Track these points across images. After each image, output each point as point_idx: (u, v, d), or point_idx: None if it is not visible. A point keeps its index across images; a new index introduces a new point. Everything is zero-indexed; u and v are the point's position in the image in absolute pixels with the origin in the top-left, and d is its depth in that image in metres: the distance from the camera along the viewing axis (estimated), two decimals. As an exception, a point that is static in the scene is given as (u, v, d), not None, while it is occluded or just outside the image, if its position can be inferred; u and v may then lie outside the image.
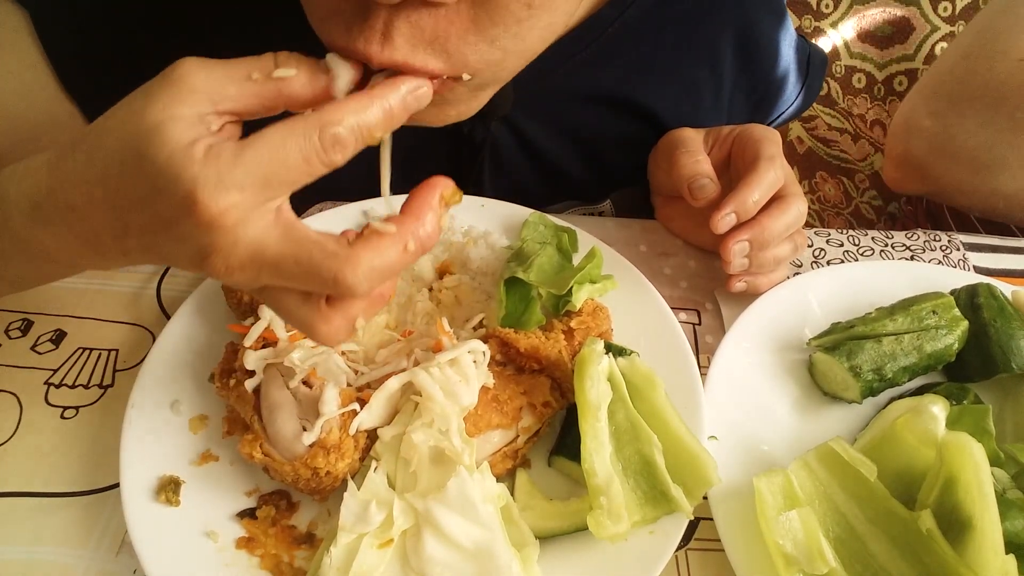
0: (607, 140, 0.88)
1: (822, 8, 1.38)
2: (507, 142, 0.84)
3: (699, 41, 0.87)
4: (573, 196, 0.90)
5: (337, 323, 0.45)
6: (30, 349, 0.73)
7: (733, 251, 0.72)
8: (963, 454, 0.56)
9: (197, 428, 0.65)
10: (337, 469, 0.56)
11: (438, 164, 0.84)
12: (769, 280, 0.78)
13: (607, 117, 0.86)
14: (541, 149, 0.85)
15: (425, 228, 0.44)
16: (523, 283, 0.72)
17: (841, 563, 0.56)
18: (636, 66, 0.84)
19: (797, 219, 0.74)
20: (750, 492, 0.59)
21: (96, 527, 0.62)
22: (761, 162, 0.73)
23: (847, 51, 1.38)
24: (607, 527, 0.56)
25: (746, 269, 0.75)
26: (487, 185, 0.86)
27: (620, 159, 0.89)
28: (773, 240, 0.73)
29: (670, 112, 0.87)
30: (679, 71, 0.87)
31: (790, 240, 0.76)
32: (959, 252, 0.90)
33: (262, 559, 0.58)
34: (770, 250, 0.74)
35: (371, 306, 0.46)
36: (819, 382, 0.72)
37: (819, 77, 1.03)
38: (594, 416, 0.60)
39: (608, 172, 0.89)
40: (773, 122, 1.04)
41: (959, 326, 0.71)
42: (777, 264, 0.77)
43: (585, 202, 0.91)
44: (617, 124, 0.87)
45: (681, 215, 0.87)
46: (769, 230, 0.72)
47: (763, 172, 0.72)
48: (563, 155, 0.86)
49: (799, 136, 1.53)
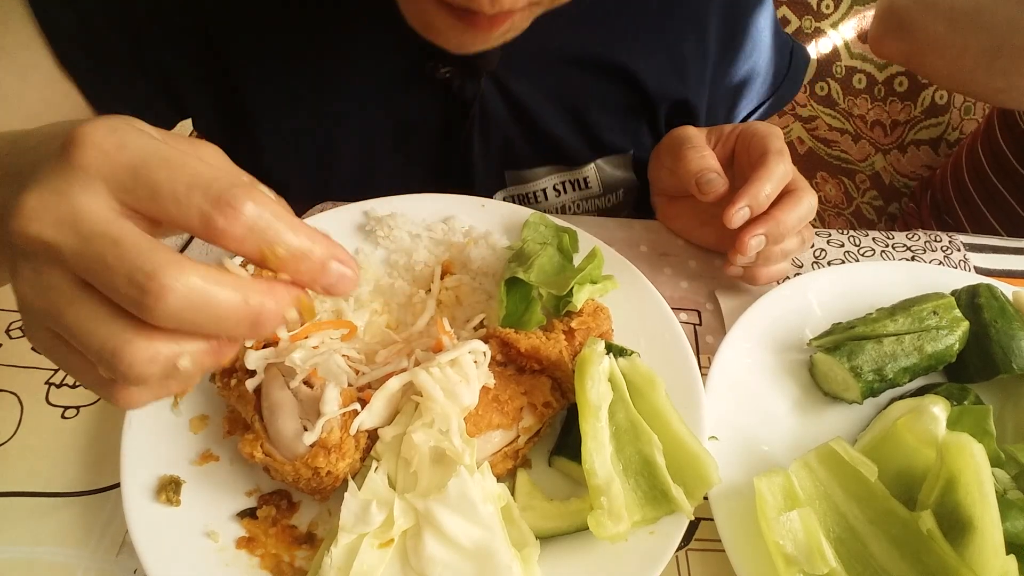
0: (593, 103, 0.89)
1: (822, 8, 1.38)
2: (495, 101, 0.85)
3: (686, 12, 0.88)
4: (558, 158, 0.91)
5: (158, 348, 0.35)
6: (30, 349, 0.73)
7: (750, 245, 0.72)
8: (964, 455, 0.56)
9: (198, 428, 0.65)
10: (338, 469, 0.56)
11: (430, 124, 0.86)
12: (768, 273, 0.78)
13: (593, 80, 0.87)
14: (528, 109, 0.86)
15: (270, 302, 0.36)
16: (524, 283, 0.72)
17: (841, 563, 0.56)
18: (622, 31, 0.85)
19: (809, 212, 0.74)
20: (750, 492, 0.59)
21: (96, 527, 0.62)
22: (770, 156, 0.73)
23: (847, 52, 1.39)
24: (607, 527, 0.56)
25: (751, 262, 0.76)
26: (476, 145, 0.87)
27: (605, 122, 0.90)
28: (787, 233, 0.74)
29: (654, 80, 0.88)
30: (665, 40, 0.88)
31: (798, 234, 0.77)
32: (960, 253, 0.90)
33: (262, 559, 0.58)
34: (780, 243, 0.75)
35: (172, 381, 0.37)
36: (820, 382, 0.72)
37: (801, 71, 1.04)
38: (595, 416, 0.60)
39: (593, 135, 0.90)
40: (755, 113, 1.05)
41: (960, 327, 0.71)
42: (784, 257, 0.77)
43: (569, 165, 0.92)
44: (602, 88, 0.88)
45: (683, 214, 0.87)
46: (784, 224, 0.73)
47: (773, 166, 0.72)
48: (548, 116, 0.87)
49: (800, 136, 1.53)
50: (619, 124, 0.91)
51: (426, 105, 0.84)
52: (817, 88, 1.44)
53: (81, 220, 0.34)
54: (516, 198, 0.94)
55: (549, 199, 0.94)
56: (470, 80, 0.81)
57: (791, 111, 1.50)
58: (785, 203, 0.73)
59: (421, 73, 0.80)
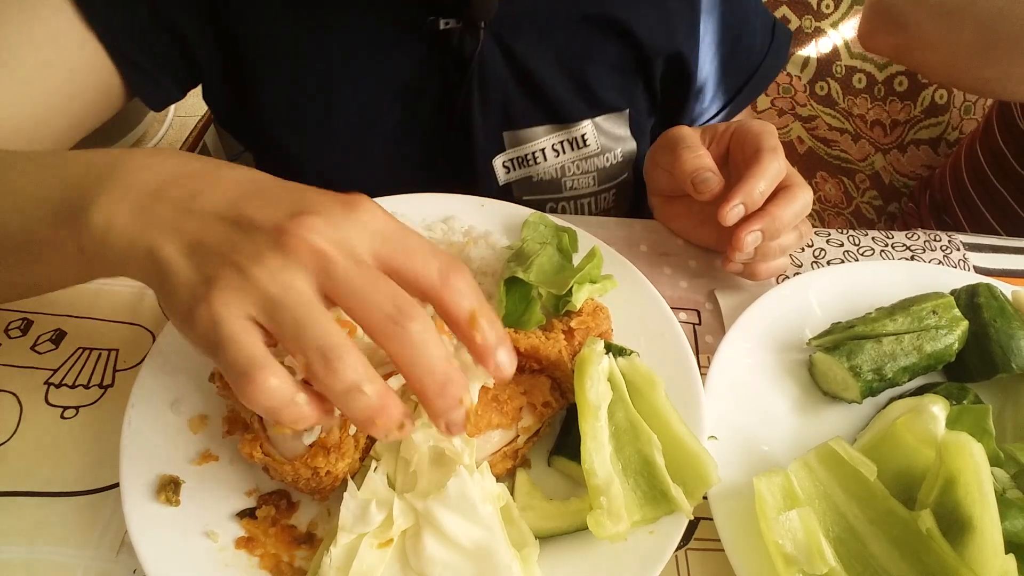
0: (590, 59, 0.90)
1: (822, 8, 1.38)
2: (494, 57, 0.86)
3: None
4: (555, 116, 0.92)
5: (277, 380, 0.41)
6: (30, 349, 0.73)
7: (746, 241, 0.73)
8: (963, 454, 0.56)
9: (197, 428, 0.65)
10: (337, 469, 0.56)
11: (429, 84, 0.87)
12: (767, 268, 0.78)
13: (589, 36, 0.89)
14: (526, 66, 0.88)
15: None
16: (523, 283, 0.72)
17: (841, 563, 0.56)
18: None
19: (804, 207, 0.75)
20: (750, 492, 0.59)
21: (96, 527, 0.62)
22: (764, 153, 0.73)
23: (847, 51, 1.39)
24: (607, 527, 0.56)
25: (749, 258, 0.76)
26: (475, 104, 0.88)
27: (602, 79, 0.91)
28: (784, 229, 0.74)
29: (647, 33, 0.90)
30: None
31: (795, 229, 0.77)
32: (959, 252, 0.90)
33: (262, 559, 0.58)
34: (778, 239, 0.75)
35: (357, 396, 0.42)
36: (819, 382, 0.72)
37: (784, 47, 1.05)
38: (594, 416, 0.60)
39: (591, 92, 0.92)
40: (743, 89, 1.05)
41: (959, 326, 0.71)
42: (782, 253, 0.78)
43: (565, 122, 0.93)
44: (599, 43, 0.90)
45: (681, 214, 0.87)
46: (779, 219, 0.73)
47: (767, 163, 0.73)
48: (547, 73, 0.89)
49: (799, 136, 1.53)
50: (616, 81, 0.92)
51: (424, 62, 0.85)
52: (817, 88, 1.44)
53: (356, 251, 0.42)
54: (515, 161, 0.94)
55: (548, 159, 0.94)
56: (470, 34, 0.83)
57: (791, 111, 1.50)
58: (780, 199, 0.74)
59: (420, 29, 0.82)
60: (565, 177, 0.96)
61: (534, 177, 0.95)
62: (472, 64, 0.85)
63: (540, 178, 0.95)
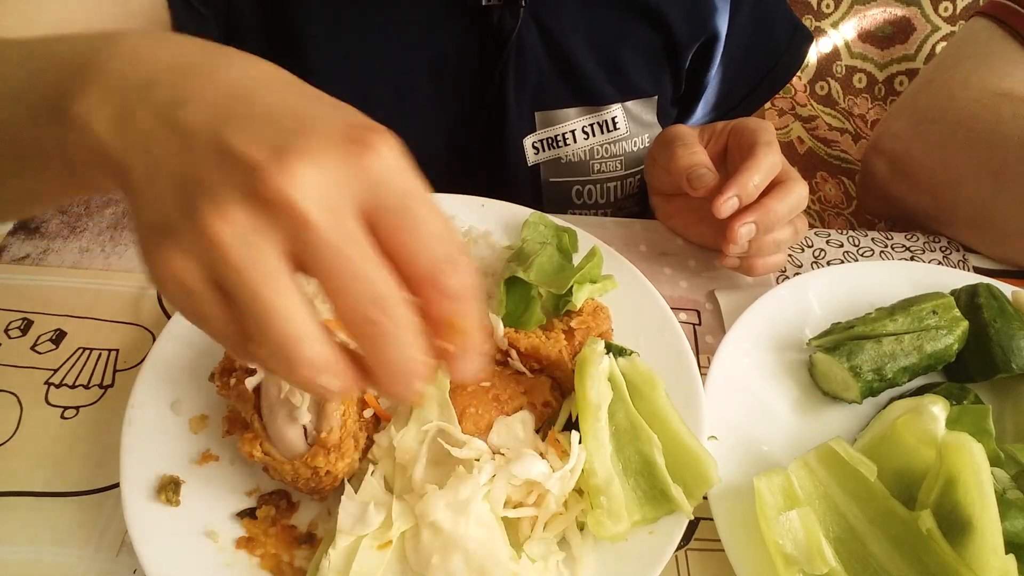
0: (624, 43, 0.92)
1: (823, 8, 1.38)
2: (531, 36, 0.88)
3: None
4: (587, 98, 0.94)
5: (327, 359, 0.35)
6: (30, 349, 0.73)
7: (740, 233, 0.73)
8: (963, 454, 0.56)
9: (197, 428, 0.65)
10: (337, 468, 0.56)
11: (466, 58, 0.88)
12: (763, 264, 0.78)
13: (625, 19, 0.91)
14: (562, 47, 0.89)
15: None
16: (523, 283, 0.72)
17: (841, 563, 0.56)
18: None
19: (800, 201, 0.75)
20: (750, 492, 0.59)
21: (96, 527, 0.62)
22: (759, 147, 0.74)
23: (848, 51, 1.38)
24: (607, 527, 0.56)
25: (745, 252, 0.76)
26: (511, 81, 0.89)
27: (634, 63, 0.93)
28: (778, 222, 0.74)
29: (679, 22, 0.91)
30: None
31: (790, 224, 0.77)
32: (959, 253, 0.90)
33: (262, 559, 0.58)
34: (772, 233, 0.75)
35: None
36: (819, 382, 0.72)
37: (799, 49, 1.06)
38: (594, 416, 0.60)
39: (623, 76, 0.93)
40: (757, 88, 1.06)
41: (959, 326, 0.71)
42: (777, 248, 0.78)
43: (597, 104, 0.94)
44: (633, 28, 0.91)
45: (680, 212, 0.87)
46: (774, 212, 0.73)
47: (761, 157, 0.73)
48: (582, 54, 0.90)
49: (799, 136, 1.52)
50: (647, 66, 0.94)
51: (464, 38, 0.86)
52: (817, 88, 1.44)
53: (344, 217, 0.34)
54: (545, 142, 0.95)
55: (577, 141, 0.95)
56: (510, 12, 0.84)
57: (791, 111, 1.50)
58: (775, 192, 0.74)
59: (464, 4, 0.83)
60: (593, 160, 0.97)
61: (562, 159, 0.96)
62: (510, 42, 0.86)
63: (568, 159, 0.96)
